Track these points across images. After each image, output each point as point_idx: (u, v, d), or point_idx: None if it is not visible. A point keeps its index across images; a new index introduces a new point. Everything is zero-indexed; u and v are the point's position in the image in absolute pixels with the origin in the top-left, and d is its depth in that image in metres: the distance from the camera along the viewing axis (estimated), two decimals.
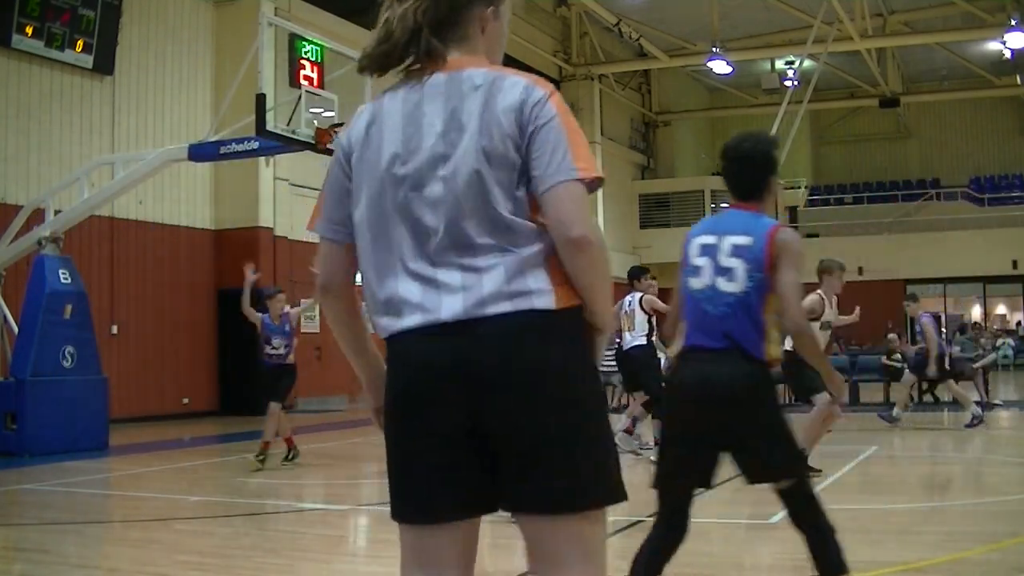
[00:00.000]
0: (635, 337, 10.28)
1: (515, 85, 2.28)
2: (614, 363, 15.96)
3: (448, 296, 2.11)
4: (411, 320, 2.13)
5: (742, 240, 3.65)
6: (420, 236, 2.15)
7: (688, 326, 3.71)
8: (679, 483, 3.73)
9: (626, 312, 10.40)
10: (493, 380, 2.07)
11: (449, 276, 2.12)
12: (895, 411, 13.84)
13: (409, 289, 2.14)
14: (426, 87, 2.23)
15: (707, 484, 3.76)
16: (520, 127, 2.18)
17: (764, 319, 3.60)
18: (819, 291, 8.86)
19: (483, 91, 2.23)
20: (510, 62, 2.49)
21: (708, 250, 3.68)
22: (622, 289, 10.86)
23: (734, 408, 3.54)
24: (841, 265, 9.09)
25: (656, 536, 3.74)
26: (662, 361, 9.96)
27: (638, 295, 10.35)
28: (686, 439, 3.68)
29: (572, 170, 2.14)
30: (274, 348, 10.22)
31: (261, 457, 9.93)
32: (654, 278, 11.07)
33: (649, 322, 10.27)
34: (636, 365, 10.35)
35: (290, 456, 10.27)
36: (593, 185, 2.18)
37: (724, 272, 3.62)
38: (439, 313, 2.10)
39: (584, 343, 2.19)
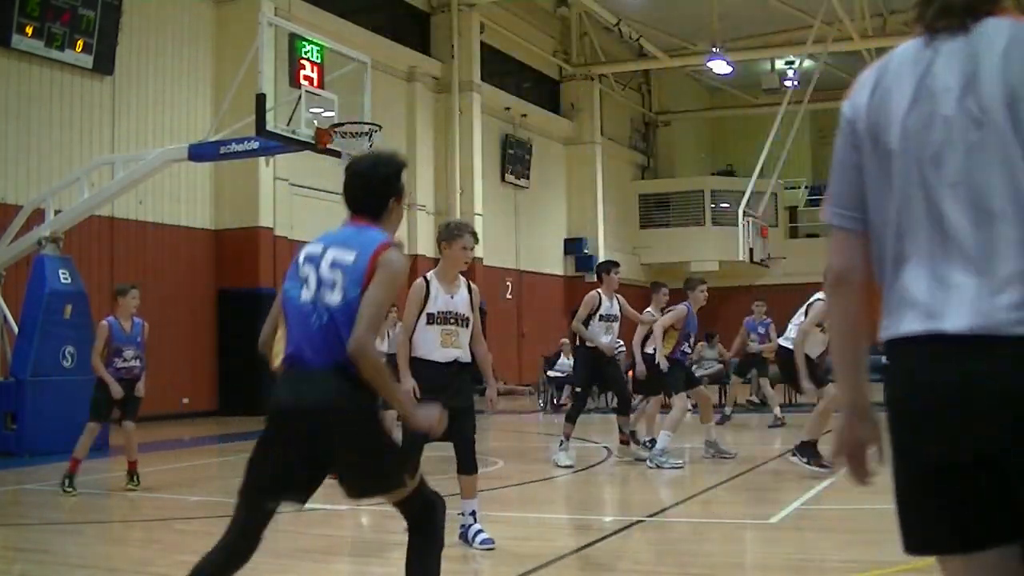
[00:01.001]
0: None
1: None
2: None
3: (958, 301, 1.82)
4: (912, 325, 1.87)
5: (346, 255, 3.51)
6: (934, 223, 1.87)
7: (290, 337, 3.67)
8: (268, 497, 3.60)
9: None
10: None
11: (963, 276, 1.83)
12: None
13: (916, 286, 1.88)
14: (944, 44, 1.91)
15: (303, 501, 3.68)
16: None
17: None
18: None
19: (1007, 45, 1.85)
20: (510, 62, 2.45)
21: (313, 260, 3.58)
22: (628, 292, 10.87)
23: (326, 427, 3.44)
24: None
25: (224, 548, 3.58)
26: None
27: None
28: (278, 455, 3.56)
29: None
30: (125, 361, 8.64)
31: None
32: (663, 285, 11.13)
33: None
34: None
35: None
36: None
37: (327, 284, 3.51)
38: (943, 322, 1.82)
39: None
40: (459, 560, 6.07)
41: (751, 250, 27.69)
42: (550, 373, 18.99)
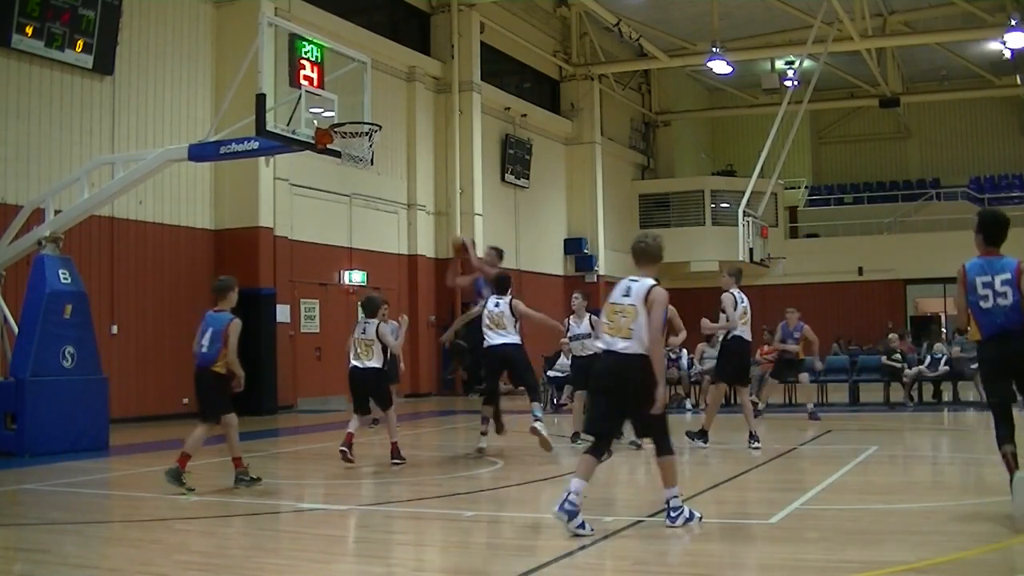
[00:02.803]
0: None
1: None
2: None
3: None
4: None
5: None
6: None
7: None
8: None
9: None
10: None
11: None
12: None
13: None
14: None
15: None
16: None
17: None
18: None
19: None
20: (510, 62, 2.45)
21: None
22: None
23: None
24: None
25: None
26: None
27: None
28: None
29: None
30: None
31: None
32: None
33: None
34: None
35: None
36: None
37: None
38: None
39: None
40: (459, 560, 6.07)
41: (751, 250, 27.68)
42: (550, 373, 18.98)
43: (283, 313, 19.13)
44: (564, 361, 18.86)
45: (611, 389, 6.37)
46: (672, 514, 6.37)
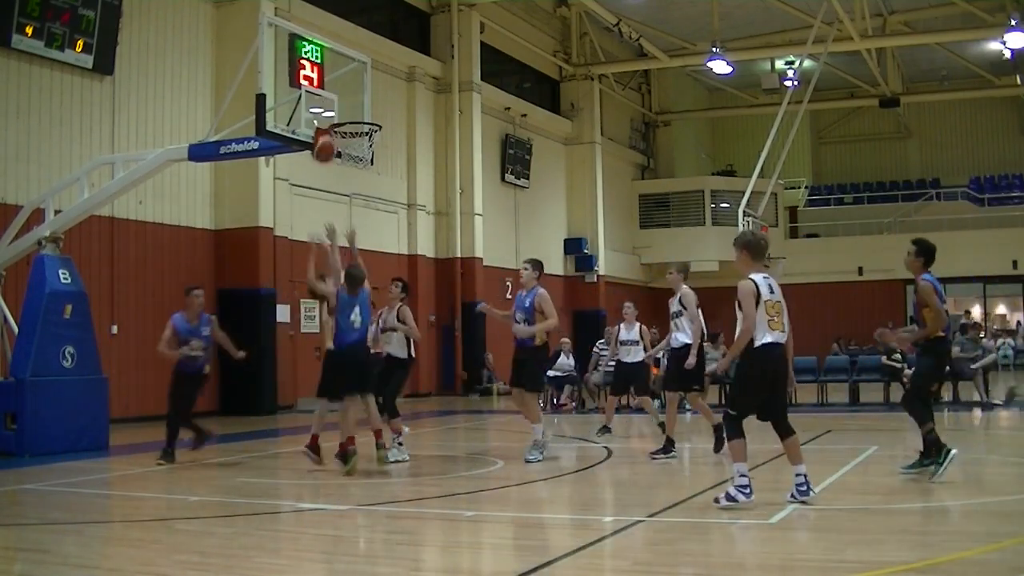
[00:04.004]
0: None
1: None
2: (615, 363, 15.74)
3: None
4: None
5: None
6: None
7: None
8: None
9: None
10: None
11: None
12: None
13: None
14: None
15: None
16: None
17: None
18: None
19: None
20: (510, 62, 2.45)
21: None
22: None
23: None
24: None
25: None
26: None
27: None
28: None
29: None
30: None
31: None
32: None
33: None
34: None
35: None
36: None
37: None
38: None
39: None
40: (459, 560, 6.07)
41: None
42: (550, 373, 18.96)
43: (283, 313, 19.13)
44: (564, 361, 18.87)
45: (783, 377, 7.32)
46: (799, 488, 7.08)
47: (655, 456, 10.29)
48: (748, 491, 6.94)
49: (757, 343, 7.06)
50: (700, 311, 10.66)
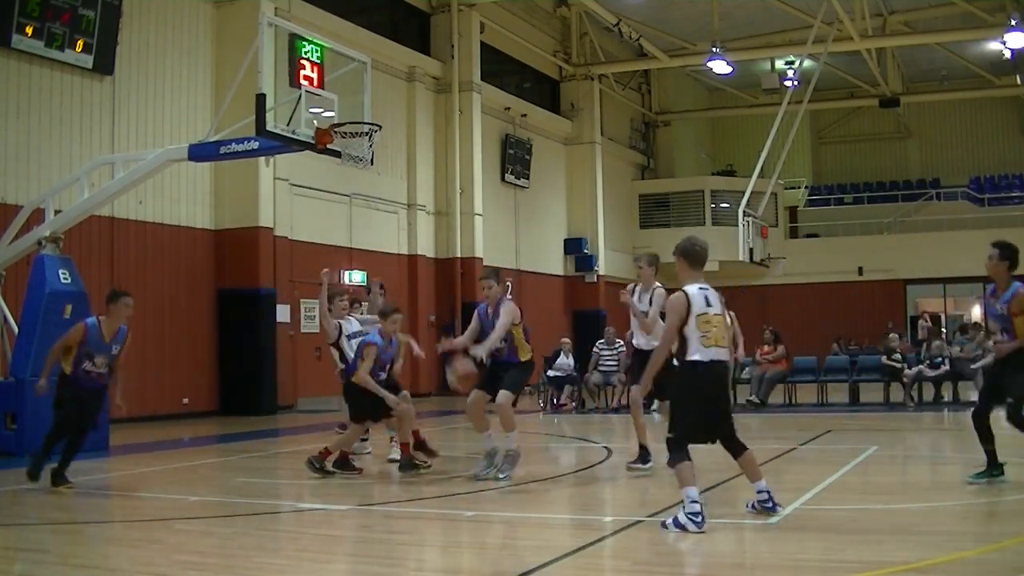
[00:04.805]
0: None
1: None
2: (615, 363, 15.73)
3: None
4: None
5: None
6: None
7: None
8: None
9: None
10: None
11: None
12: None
13: None
14: None
15: None
16: None
17: None
18: None
19: None
20: (510, 62, 2.44)
21: None
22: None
23: None
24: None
25: None
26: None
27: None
28: None
29: None
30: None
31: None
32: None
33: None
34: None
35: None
36: None
37: None
38: None
39: None
40: (459, 560, 6.07)
41: (751, 250, 27.70)
42: (550, 373, 18.98)
43: (283, 313, 19.13)
44: (564, 361, 18.87)
45: (723, 394, 6.83)
46: (763, 503, 6.63)
47: (632, 466, 9.23)
48: (700, 519, 6.18)
49: (688, 358, 6.53)
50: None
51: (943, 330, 31.07)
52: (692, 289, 6.73)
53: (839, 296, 32.37)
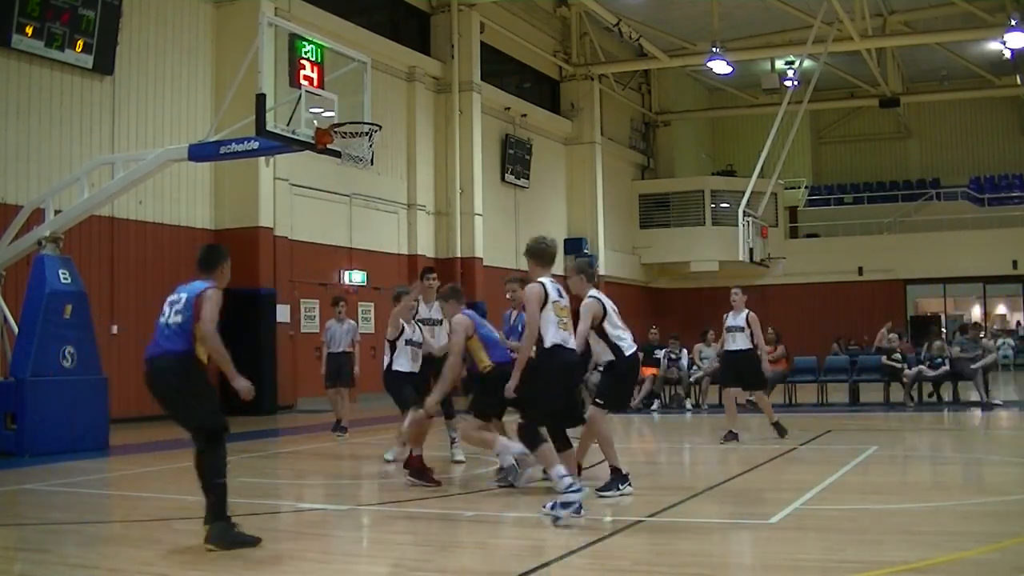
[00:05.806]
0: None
1: None
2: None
3: None
4: None
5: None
6: None
7: None
8: None
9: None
10: None
11: None
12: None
13: None
14: None
15: None
16: None
17: None
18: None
19: None
20: (510, 62, 2.44)
21: None
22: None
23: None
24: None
25: None
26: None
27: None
28: None
29: None
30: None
31: None
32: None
33: None
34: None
35: None
36: None
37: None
38: None
39: None
40: (459, 560, 6.07)
41: (751, 250, 27.68)
42: None
43: (283, 313, 19.13)
44: None
45: (576, 379, 7.53)
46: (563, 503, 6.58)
47: (602, 494, 7.86)
48: (576, 487, 6.48)
49: (548, 343, 7.09)
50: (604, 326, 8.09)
51: (943, 330, 31.09)
52: (546, 281, 7.25)
53: (839, 296, 32.37)
